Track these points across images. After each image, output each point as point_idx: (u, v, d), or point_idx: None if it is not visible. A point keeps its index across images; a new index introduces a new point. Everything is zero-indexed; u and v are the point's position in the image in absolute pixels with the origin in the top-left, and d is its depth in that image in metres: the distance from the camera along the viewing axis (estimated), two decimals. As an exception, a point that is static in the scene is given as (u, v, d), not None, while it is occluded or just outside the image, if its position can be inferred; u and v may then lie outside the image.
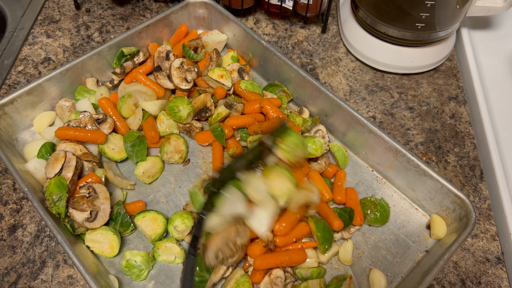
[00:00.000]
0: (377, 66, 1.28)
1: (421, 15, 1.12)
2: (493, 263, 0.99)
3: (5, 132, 1.07)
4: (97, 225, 0.93)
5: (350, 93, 1.25)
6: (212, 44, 1.25)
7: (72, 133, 1.02)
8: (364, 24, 1.26)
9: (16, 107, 1.07)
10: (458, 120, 1.21)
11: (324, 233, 0.93)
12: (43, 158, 1.01)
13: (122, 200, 1.02)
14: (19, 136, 1.11)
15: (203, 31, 1.32)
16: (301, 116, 1.11)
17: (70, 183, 0.93)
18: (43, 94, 1.10)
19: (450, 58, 1.34)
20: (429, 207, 1.02)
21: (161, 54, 1.18)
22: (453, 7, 1.12)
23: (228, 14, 1.20)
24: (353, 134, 1.07)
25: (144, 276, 0.93)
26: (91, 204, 0.93)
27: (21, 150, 1.08)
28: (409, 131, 1.19)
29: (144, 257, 0.92)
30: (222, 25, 1.25)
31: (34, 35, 1.35)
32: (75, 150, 1.01)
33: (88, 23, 1.38)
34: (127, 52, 1.16)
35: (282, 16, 1.42)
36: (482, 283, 0.97)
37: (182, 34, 1.26)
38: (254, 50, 1.20)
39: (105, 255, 0.94)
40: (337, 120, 1.09)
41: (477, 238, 1.02)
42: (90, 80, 1.16)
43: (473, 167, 1.13)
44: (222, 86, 1.13)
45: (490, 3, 1.20)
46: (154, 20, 1.20)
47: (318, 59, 1.32)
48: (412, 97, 1.25)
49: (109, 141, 1.06)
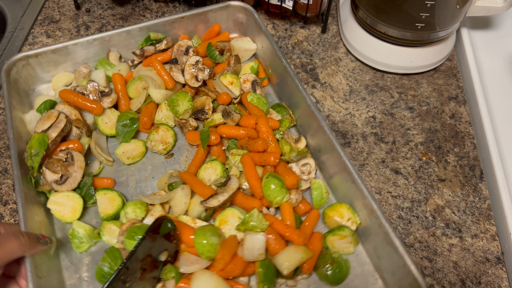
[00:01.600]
0: (377, 66, 1.28)
1: (421, 15, 1.12)
2: (493, 263, 0.99)
3: (25, 81, 1.15)
4: (63, 189, 0.96)
5: (350, 93, 1.26)
6: (239, 50, 1.23)
7: (73, 97, 1.07)
8: (364, 24, 1.26)
9: (40, 61, 1.13)
10: (458, 120, 1.21)
11: (267, 270, 0.88)
12: (40, 112, 1.07)
13: (96, 173, 1.05)
14: (36, 88, 1.18)
15: (236, 35, 1.30)
16: (297, 144, 1.08)
17: (52, 142, 0.98)
18: (67, 56, 1.16)
19: (450, 58, 1.34)
20: (389, 281, 0.91)
21: (181, 47, 1.19)
22: (453, 7, 1.12)
23: (261, 24, 1.17)
24: (338, 178, 1.00)
25: (83, 249, 0.95)
26: (65, 169, 0.97)
27: (33, 101, 1.15)
28: (409, 131, 1.19)
29: (87, 231, 0.94)
30: (255, 34, 1.22)
31: (34, 35, 1.35)
32: (70, 114, 1.05)
33: (88, 23, 1.38)
34: (153, 37, 1.20)
35: (282, 16, 1.42)
36: (482, 283, 0.97)
37: (213, 33, 1.25)
38: (275, 66, 1.16)
39: (65, 220, 0.96)
40: (329, 161, 1.01)
41: (477, 238, 1.02)
42: (114, 54, 1.20)
43: (473, 167, 1.13)
44: (229, 93, 1.13)
45: (490, 3, 1.20)
46: (191, 13, 1.20)
47: (318, 59, 1.32)
48: (412, 97, 1.26)
49: (105, 114, 1.10)
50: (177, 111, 1.10)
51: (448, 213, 1.06)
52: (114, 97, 1.11)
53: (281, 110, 1.14)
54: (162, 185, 1.03)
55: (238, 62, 1.18)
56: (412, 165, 1.13)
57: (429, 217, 1.05)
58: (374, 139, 1.17)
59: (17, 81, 1.12)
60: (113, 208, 0.98)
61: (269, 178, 0.96)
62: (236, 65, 1.17)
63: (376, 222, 0.89)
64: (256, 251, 0.88)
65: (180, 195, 0.98)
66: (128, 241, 0.90)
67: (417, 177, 1.11)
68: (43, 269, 0.87)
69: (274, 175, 0.97)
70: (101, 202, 0.98)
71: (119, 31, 1.16)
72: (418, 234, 1.02)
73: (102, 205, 0.97)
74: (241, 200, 0.98)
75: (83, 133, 1.07)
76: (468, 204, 1.07)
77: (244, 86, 1.16)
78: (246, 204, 0.98)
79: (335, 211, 0.97)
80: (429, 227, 1.03)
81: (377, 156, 1.14)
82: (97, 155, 1.06)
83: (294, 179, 0.98)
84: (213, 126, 1.10)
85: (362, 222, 0.95)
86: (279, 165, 1.03)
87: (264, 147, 1.01)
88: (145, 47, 1.20)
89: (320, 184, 1.02)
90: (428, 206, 1.07)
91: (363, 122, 1.20)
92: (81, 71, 1.16)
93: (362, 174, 1.11)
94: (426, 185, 1.09)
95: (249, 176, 0.99)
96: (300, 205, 1.00)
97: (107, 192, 0.99)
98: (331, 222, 0.98)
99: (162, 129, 1.09)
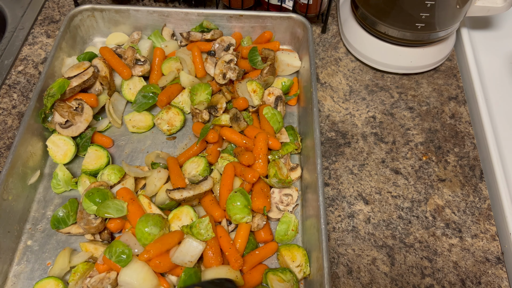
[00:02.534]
0: (377, 66, 1.28)
1: (421, 15, 1.12)
2: (493, 263, 0.99)
3: (86, 30, 1.27)
4: (64, 133, 1.05)
5: (350, 93, 1.26)
6: (281, 63, 1.21)
7: (109, 55, 1.16)
8: (364, 24, 1.26)
9: (103, 16, 1.24)
10: (458, 120, 1.21)
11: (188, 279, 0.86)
12: (78, 60, 1.17)
13: (102, 130, 1.13)
14: (94, 39, 1.30)
15: (287, 47, 1.29)
16: (291, 173, 1.05)
17: (70, 89, 1.06)
18: (127, 19, 1.25)
19: (450, 58, 1.34)
20: None
21: (223, 42, 1.21)
22: (453, 7, 1.12)
23: (311, 45, 1.15)
24: (311, 222, 0.96)
25: (59, 190, 1.04)
26: (72, 116, 1.05)
27: (85, 49, 1.26)
28: (409, 131, 1.19)
29: (65, 177, 1.02)
30: (304, 53, 1.20)
31: (34, 35, 1.35)
32: (101, 70, 1.13)
33: (88, 23, 1.39)
34: (205, 25, 1.24)
35: (282, 16, 1.42)
36: (482, 283, 0.97)
37: (264, 39, 1.24)
38: (306, 91, 1.14)
39: (56, 160, 1.05)
40: (311, 201, 0.97)
41: (477, 238, 1.02)
42: (167, 30, 1.27)
43: (473, 167, 1.13)
44: (249, 100, 1.13)
45: (490, 3, 1.20)
46: (249, 13, 1.22)
47: (318, 59, 1.32)
48: (412, 97, 1.26)
49: (132, 80, 1.17)
50: (194, 100, 1.13)
51: (448, 213, 1.06)
52: (146, 68, 1.17)
53: (292, 134, 1.11)
54: (148, 162, 1.06)
55: (271, 73, 1.16)
56: (412, 165, 1.13)
57: (429, 217, 1.05)
58: (374, 139, 1.17)
59: (78, 27, 1.24)
60: (95, 165, 1.03)
61: (236, 193, 0.94)
62: (268, 75, 1.15)
63: (318, 281, 0.86)
64: (188, 257, 0.87)
65: (154, 177, 1.00)
66: (85, 199, 0.93)
67: (417, 177, 1.11)
68: (12, 193, 0.96)
69: (243, 193, 0.95)
70: (88, 156, 1.04)
71: (178, 10, 1.23)
72: (418, 234, 1.02)
73: (87, 159, 1.04)
74: (207, 204, 0.97)
75: (104, 91, 1.15)
76: (468, 204, 1.07)
77: (268, 99, 1.14)
78: (209, 210, 0.96)
79: (290, 252, 0.93)
80: (429, 227, 1.03)
81: (377, 156, 1.14)
82: (108, 114, 1.13)
83: (262, 204, 0.95)
84: (219, 126, 1.10)
85: (311, 275, 0.91)
86: (257, 184, 1.00)
87: (249, 162, 1.00)
88: (192, 32, 1.23)
89: (290, 220, 0.98)
90: (428, 206, 1.07)
91: (363, 122, 1.20)
92: (132, 36, 1.26)
93: (362, 174, 1.11)
94: (426, 185, 1.10)
95: (222, 184, 0.99)
96: (262, 232, 0.97)
97: (98, 149, 1.06)
98: (282, 261, 0.94)
99: (173, 111, 1.13)
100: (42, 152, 1.07)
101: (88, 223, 0.93)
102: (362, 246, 1.01)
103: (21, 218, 1.00)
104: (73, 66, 1.11)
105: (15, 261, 0.96)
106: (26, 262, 0.96)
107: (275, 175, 1.00)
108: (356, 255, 0.99)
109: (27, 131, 1.01)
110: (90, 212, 0.94)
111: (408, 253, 1.00)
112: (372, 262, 0.99)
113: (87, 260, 0.93)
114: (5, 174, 0.94)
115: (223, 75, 1.14)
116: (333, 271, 0.97)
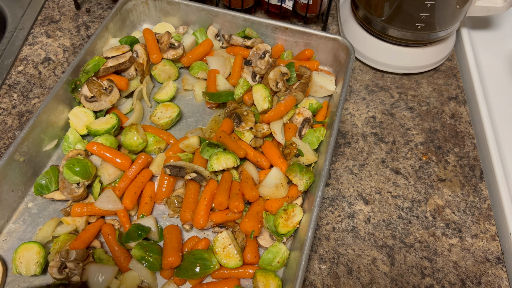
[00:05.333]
0: (377, 66, 1.28)
1: (421, 15, 1.12)
2: (493, 263, 0.99)
3: (137, 15, 1.32)
4: (87, 106, 1.10)
5: (350, 93, 1.26)
6: (314, 84, 1.17)
7: (148, 35, 1.21)
8: (364, 24, 1.26)
9: (156, 5, 1.29)
10: (458, 120, 1.21)
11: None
12: (120, 42, 1.21)
13: (126, 112, 1.16)
14: (144, 25, 1.35)
15: (327, 69, 1.26)
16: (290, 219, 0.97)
17: (104, 69, 1.12)
18: (177, 11, 1.29)
19: (450, 58, 1.34)
20: None
21: (258, 50, 1.20)
22: (453, 7, 1.12)
23: (349, 71, 1.11)
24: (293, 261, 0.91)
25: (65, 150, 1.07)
26: (99, 94, 1.09)
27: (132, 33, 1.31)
28: (409, 131, 1.19)
29: (76, 139, 1.07)
30: (341, 77, 1.15)
31: (34, 35, 1.35)
32: (140, 55, 1.19)
33: (88, 23, 1.38)
34: (247, 33, 1.24)
35: (282, 16, 1.42)
36: (482, 283, 0.97)
37: (304, 56, 1.22)
38: (332, 115, 1.08)
39: (75, 130, 1.09)
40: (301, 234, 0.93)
41: (477, 238, 1.02)
42: (212, 29, 1.29)
43: (473, 167, 1.13)
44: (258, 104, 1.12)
45: (490, 3, 1.20)
46: (295, 28, 1.20)
47: (318, 59, 1.32)
48: (412, 97, 1.26)
49: (164, 65, 1.21)
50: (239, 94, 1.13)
51: (448, 213, 1.06)
52: (179, 52, 1.20)
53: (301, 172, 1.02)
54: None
55: (301, 90, 1.11)
56: (412, 165, 1.13)
57: (429, 217, 1.05)
58: (374, 139, 1.17)
59: (130, 11, 1.28)
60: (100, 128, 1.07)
61: None
62: (297, 91, 1.11)
63: None
64: None
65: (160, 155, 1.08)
66: (66, 170, 0.96)
67: (417, 177, 1.11)
68: (24, 156, 1.00)
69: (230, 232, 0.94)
70: (99, 120, 1.09)
71: (226, 12, 1.24)
72: (418, 234, 1.02)
73: (97, 122, 1.08)
74: (192, 188, 0.99)
75: (137, 77, 1.18)
76: (468, 204, 1.07)
77: (296, 118, 1.11)
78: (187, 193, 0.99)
79: (264, 278, 0.89)
80: (429, 227, 1.03)
81: (377, 156, 1.14)
82: (136, 96, 1.16)
83: (251, 228, 0.92)
84: (238, 138, 1.06)
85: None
86: (254, 206, 0.98)
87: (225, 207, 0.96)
88: (234, 36, 1.24)
89: (278, 251, 0.93)
90: (428, 206, 1.07)
91: (363, 122, 1.20)
92: (179, 29, 1.30)
93: (362, 174, 1.11)
94: (426, 185, 1.10)
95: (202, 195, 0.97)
96: (248, 254, 0.94)
97: (113, 116, 1.09)
98: (255, 286, 0.90)
99: (169, 105, 1.15)
100: (63, 123, 1.11)
101: (71, 192, 0.98)
102: (362, 246, 1.01)
103: (28, 181, 1.03)
104: (113, 47, 1.16)
105: (12, 219, 1.00)
106: (21, 222, 1.00)
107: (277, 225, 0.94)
108: (356, 255, 0.99)
109: (53, 100, 1.05)
110: (72, 182, 0.97)
111: (408, 253, 1.00)
112: (372, 262, 0.99)
113: (72, 232, 0.96)
114: (21, 137, 0.98)
115: (276, 83, 1.12)
116: (333, 271, 0.97)
